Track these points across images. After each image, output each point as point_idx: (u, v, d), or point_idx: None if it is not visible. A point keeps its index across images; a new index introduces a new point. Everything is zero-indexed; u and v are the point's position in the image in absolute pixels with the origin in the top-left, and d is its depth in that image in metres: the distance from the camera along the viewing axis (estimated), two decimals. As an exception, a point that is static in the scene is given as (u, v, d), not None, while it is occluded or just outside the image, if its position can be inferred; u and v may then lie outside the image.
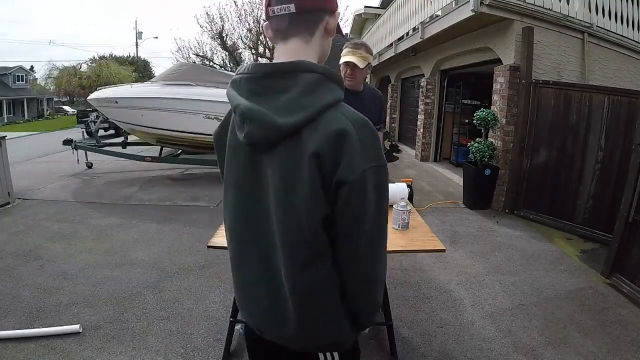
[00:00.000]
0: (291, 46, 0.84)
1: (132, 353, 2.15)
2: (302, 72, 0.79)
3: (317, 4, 0.83)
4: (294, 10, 0.80)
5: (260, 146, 0.82)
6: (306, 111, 0.77)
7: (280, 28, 0.83)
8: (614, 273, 3.01)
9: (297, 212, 0.80)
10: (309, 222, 0.80)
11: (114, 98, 6.08)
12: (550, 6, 4.68)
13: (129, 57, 33.07)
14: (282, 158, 0.79)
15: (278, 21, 0.83)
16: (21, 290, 2.80)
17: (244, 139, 0.81)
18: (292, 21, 0.82)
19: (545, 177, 4.41)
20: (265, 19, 0.87)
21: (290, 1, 0.79)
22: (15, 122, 26.85)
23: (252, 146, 0.83)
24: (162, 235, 3.96)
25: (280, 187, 0.81)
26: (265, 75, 0.80)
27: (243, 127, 0.80)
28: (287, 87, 0.79)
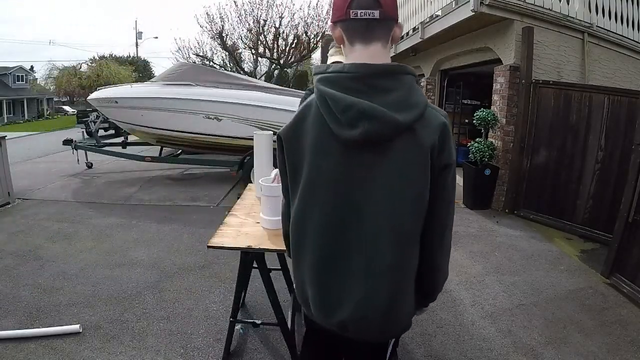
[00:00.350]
0: (373, 49, 0.89)
1: (132, 353, 2.15)
2: (403, 74, 0.87)
3: (393, 14, 0.91)
4: (377, 17, 0.87)
5: (374, 142, 0.86)
6: (417, 109, 0.86)
7: (360, 31, 0.89)
8: (614, 273, 3.01)
9: (409, 200, 0.89)
10: (418, 208, 0.90)
11: (114, 98, 6.08)
12: (550, 6, 4.68)
13: (129, 57, 33.06)
14: (399, 151, 0.86)
15: (358, 24, 0.88)
16: (21, 290, 2.80)
17: (359, 136, 0.84)
18: (373, 26, 0.88)
19: (545, 177, 4.41)
20: (335, 21, 0.92)
21: (376, 8, 0.86)
22: (15, 122, 26.84)
23: (364, 143, 0.86)
24: (162, 235, 3.96)
25: (395, 178, 0.87)
26: (370, 75, 0.85)
27: (357, 124, 0.84)
28: (392, 87, 0.85)
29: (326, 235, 0.94)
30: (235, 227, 1.81)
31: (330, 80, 0.87)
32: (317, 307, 1.00)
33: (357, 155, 0.88)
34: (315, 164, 0.92)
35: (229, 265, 3.21)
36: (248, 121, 5.65)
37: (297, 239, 1.00)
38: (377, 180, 0.88)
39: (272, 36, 14.48)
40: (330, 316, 0.98)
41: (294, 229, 1.00)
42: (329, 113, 0.87)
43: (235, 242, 1.69)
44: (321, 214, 0.94)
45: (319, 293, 0.98)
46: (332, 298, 0.96)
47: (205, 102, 5.69)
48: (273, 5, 15.06)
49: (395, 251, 0.91)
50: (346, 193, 0.91)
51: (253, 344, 2.24)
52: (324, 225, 0.94)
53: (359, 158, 0.88)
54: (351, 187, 0.90)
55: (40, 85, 30.70)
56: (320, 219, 0.94)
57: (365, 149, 0.87)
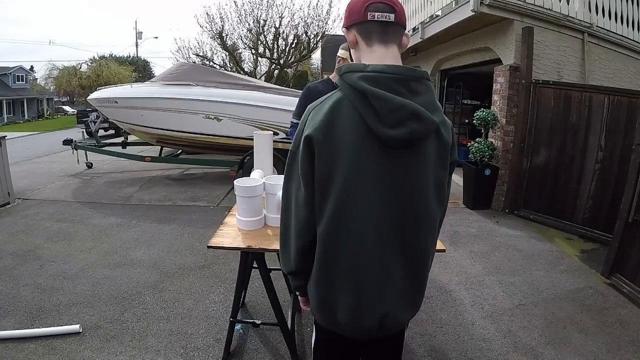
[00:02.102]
0: (393, 51, 0.96)
1: (132, 353, 2.15)
2: (427, 80, 0.93)
3: (404, 21, 0.97)
4: (393, 20, 0.93)
5: (414, 141, 0.91)
6: (440, 111, 0.94)
7: (377, 32, 0.94)
8: (614, 273, 3.01)
9: (440, 195, 0.99)
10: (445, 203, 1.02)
11: (114, 98, 6.07)
12: (550, 6, 4.67)
13: (129, 57, 33.05)
14: (430, 149, 0.93)
15: (375, 26, 0.94)
16: (21, 290, 2.80)
17: (406, 136, 0.88)
18: (388, 29, 0.94)
19: (545, 177, 4.41)
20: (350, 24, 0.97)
21: (391, 12, 0.93)
22: (15, 122, 26.85)
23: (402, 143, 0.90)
24: (162, 235, 3.96)
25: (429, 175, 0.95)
26: (411, 78, 0.90)
27: (405, 124, 0.87)
28: (420, 90, 0.91)
29: (365, 236, 0.94)
30: (235, 227, 1.81)
31: (375, 79, 0.88)
32: (352, 315, 0.99)
33: (395, 154, 0.91)
34: (354, 167, 0.91)
35: (229, 265, 3.21)
36: (248, 121, 5.64)
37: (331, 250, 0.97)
38: (412, 177, 0.93)
39: (272, 36, 14.45)
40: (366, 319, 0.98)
41: (326, 241, 0.96)
42: (370, 112, 0.88)
43: (235, 242, 1.69)
44: (362, 218, 0.93)
45: (358, 300, 0.97)
46: (372, 301, 0.97)
47: (205, 102, 5.69)
48: (273, 5, 15.05)
49: (430, 243, 1.01)
50: (384, 192, 0.92)
51: (253, 344, 2.24)
52: (362, 227, 0.93)
53: (397, 157, 0.92)
54: (389, 185, 0.92)
55: (40, 85, 30.69)
56: (358, 221, 0.93)
57: (402, 148, 0.91)
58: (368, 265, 0.96)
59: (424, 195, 0.95)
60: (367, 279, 0.96)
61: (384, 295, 0.97)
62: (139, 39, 34.38)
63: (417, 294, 1.04)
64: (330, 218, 0.95)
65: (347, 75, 0.91)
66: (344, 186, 0.92)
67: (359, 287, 0.97)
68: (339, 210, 0.94)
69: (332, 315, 1.02)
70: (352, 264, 0.96)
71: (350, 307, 0.98)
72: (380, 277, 0.96)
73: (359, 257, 0.95)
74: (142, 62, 33.48)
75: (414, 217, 0.95)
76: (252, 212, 1.79)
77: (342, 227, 0.94)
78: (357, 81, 0.89)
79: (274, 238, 1.72)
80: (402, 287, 0.98)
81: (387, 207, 0.93)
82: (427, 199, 0.96)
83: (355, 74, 0.89)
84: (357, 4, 0.95)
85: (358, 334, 1.03)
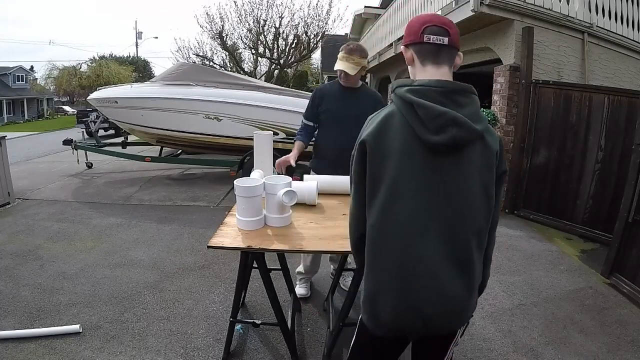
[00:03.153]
0: (444, 71, 1.04)
1: (132, 353, 2.14)
2: (473, 94, 1.02)
3: (457, 44, 1.06)
4: (446, 43, 1.02)
5: (457, 146, 0.98)
6: (485, 122, 1.03)
7: (431, 53, 1.04)
8: (614, 273, 3.01)
9: (484, 199, 1.03)
10: (489, 206, 1.05)
11: (114, 98, 6.07)
12: (550, 6, 4.67)
13: (129, 57, 33.05)
14: (475, 155, 1.00)
15: (430, 48, 1.03)
16: (21, 290, 2.80)
17: (447, 141, 0.97)
18: (442, 51, 1.03)
19: (545, 177, 4.41)
20: (408, 43, 1.08)
21: (445, 35, 1.02)
22: (15, 122, 26.85)
23: (448, 148, 0.98)
24: (162, 235, 3.96)
25: (472, 180, 1.01)
26: (453, 91, 1.00)
27: (446, 130, 0.96)
28: (466, 103, 1.00)
29: (410, 235, 1.01)
30: (235, 227, 1.81)
31: (420, 92, 0.99)
32: (396, 311, 1.04)
33: (439, 158, 0.99)
34: (400, 167, 1.00)
35: (229, 265, 3.21)
36: (248, 121, 5.64)
37: (377, 243, 1.05)
38: (457, 181, 1.00)
39: (272, 36, 14.45)
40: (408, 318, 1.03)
41: (373, 236, 1.05)
42: (416, 120, 0.98)
43: (235, 242, 1.69)
44: (404, 214, 1.01)
45: (401, 297, 1.03)
46: (416, 300, 1.02)
47: (205, 102, 5.69)
48: (273, 5, 15.04)
49: (474, 246, 1.03)
50: (429, 194, 1.00)
51: (253, 344, 2.24)
52: (408, 225, 1.01)
53: (441, 161, 0.99)
54: (434, 188, 1.00)
55: (40, 85, 30.70)
56: (403, 219, 1.01)
57: (446, 153, 0.99)
58: (411, 264, 1.01)
59: (467, 199, 1.01)
60: (409, 277, 1.02)
61: (427, 296, 1.01)
62: (139, 39, 34.42)
63: (463, 299, 1.05)
64: (377, 214, 1.03)
65: (398, 89, 1.03)
66: (391, 186, 1.01)
67: (401, 286, 1.02)
68: (385, 208, 1.02)
69: (374, 311, 1.08)
70: (396, 262, 1.02)
71: (391, 305, 1.04)
72: (422, 277, 1.01)
73: (402, 256, 1.02)
74: (142, 62, 33.48)
75: (457, 219, 1.01)
76: (252, 212, 1.79)
77: (388, 224, 1.02)
78: (405, 94, 1.00)
79: (274, 238, 1.73)
80: (445, 289, 1.01)
81: (431, 208, 1.00)
82: (470, 203, 1.02)
83: (403, 88, 1.01)
84: (415, 25, 1.06)
85: (398, 331, 1.08)
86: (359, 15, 15.54)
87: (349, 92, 2.45)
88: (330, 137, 2.48)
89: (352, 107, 2.41)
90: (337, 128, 2.43)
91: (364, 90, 2.52)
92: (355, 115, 2.43)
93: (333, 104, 2.45)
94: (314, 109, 2.52)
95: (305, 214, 2.00)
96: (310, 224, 1.89)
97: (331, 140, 2.47)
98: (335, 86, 2.50)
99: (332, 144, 2.46)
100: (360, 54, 2.32)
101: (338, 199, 2.23)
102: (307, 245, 1.69)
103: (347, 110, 2.41)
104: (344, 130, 2.41)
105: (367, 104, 2.44)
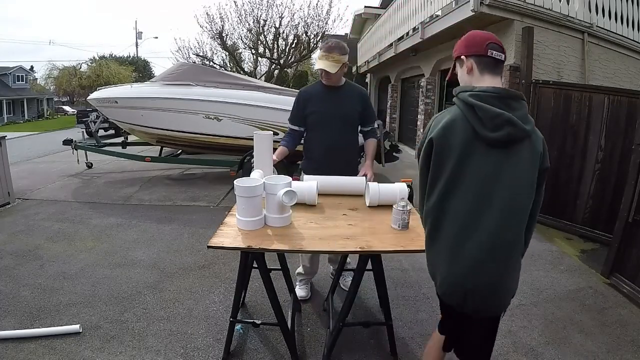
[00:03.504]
0: (497, 81, 1.27)
1: (132, 353, 2.14)
2: (523, 100, 1.24)
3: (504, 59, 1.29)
4: (503, 59, 1.27)
5: (509, 143, 1.18)
6: (532, 123, 1.22)
7: (490, 66, 1.26)
8: (614, 273, 3.01)
9: (528, 188, 1.21)
10: (531, 195, 1.23)
11: (114, 98, 6.07)
12: (550, 6, 4.68)
13: (129, 57, 33.05)
14: (524, 151, 1.20)
15: (490, 61, 1.26)
16: (21, 290, 2.80)
17: (503, 137, 1.16)
18: (498, 65, 1.27)
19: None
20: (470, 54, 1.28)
21: (502, 52, 1.27)
22: (15, 122, 26.85)
23: (504, 143, 1.18)
24: (162, 235, 3.96)
25: (519, 171, 1.19)
26: (508, 97, 1.20)
27: (502, 128, 1.16)
28: (517, 107, 1.20)
29: (465, 215, 1.21)
30: (235, 227, 1.81)
31: (480, 96, 1.19)
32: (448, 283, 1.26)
33: (496, 153, 1.19)
34: (461, 160, 1.20)
35: (229, 265, 3.21)
36: (248, 121, 5.64)
37: (436, 222, 1.26)
38: (508, 172, 1.19)
39: (272, 36, 14.45)
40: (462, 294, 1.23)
41: (433, 218, 1.26)
42: (476, 120, 1.18)
43: (235, 242, 1.69)
44: (462, 199, 1.21)
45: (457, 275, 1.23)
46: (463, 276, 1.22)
47: (205, 102, 5.69)
48: (273, 5, 15.06)
49: (516, 229, 1.22)
50: (484, 182, 1.19)
51: (253, 344, 2.24)
52: (464, 207, 1.21)
53: (497, 155, 1.19)
54: (489, 177, 1.19)
55: (40, 85, 30.70)
56: (460, 203, 1.21)
57: (501, 148, 1.18)
58: (466, 244, 1.20)
59: (516, 187, 1.19)
60: (464, 257, 1.21)
61: (479, 274, 1.20)
62: (139, 39, 34.44)
63: (509, 279, 1.25)
64: (439, 197, 1.24)
65: (461, 94, 1.23)
66: (452, 175, 1.21)
67: (457, 263, 1.22)
68: (447, 192, 1.23)
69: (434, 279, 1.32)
70: (454, 242, 1.22)
71: (448, 281, 1.26)
72: (476, 256, 1.20)
73: (459, 236, 1.21)
74: (142, 62, 33.48)
75: (506, 204, 1.19)
76: (252, 212, 1.79)
77: (447, 207, 1.23)
78: (467, 98, 1.20)
79: (274, 238, 1.73)
80: (494, 268, 1.21)
81: (485, 194, 1.19)
82: (519, 191, 1.20)
83: (466, 93, 1.21)
84: (478, 40, 1.27)
85: (459, 307, 1.27)
86: (359, 15, 15.54)
87: (333, 92, 2.41)
88: (317, 138, 2.46)
89: (338, 107, 2.39)
90: (324, 130, 2.41)
91: (348, 87, 2.47)
92: (342, 114, 2.41)
93: (319, 106, 2.41)
94: (299, 113, 2.47)
95: (305, 214, 2.00)
96: (310, 224, 1.89)
97: (319, 142, 2.45)
98: (319, 87, 2.46)
99: (320, 145, 2.44)
100: (340, 51, 2.26)
101: (338, 199, 2.23)
102: (307, 245, 1.69)
103: (333, 110, 2.39)
104: (331, 131, 2.41)
105: (353, 101, 2.43)
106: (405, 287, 2.92)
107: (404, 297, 2.77)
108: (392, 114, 11.30)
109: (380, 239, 1.72)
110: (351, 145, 2.53)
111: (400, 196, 2.02)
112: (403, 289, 2.88)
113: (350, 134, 2.50)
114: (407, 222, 1.82)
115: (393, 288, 2.84)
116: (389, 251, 1.69)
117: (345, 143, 2.48)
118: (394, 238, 1.73)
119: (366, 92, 2.63)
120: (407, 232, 1.80)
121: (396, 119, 11.30)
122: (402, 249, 1.68)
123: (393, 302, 2.50)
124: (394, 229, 1.82)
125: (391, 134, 10.23)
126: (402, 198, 1.96)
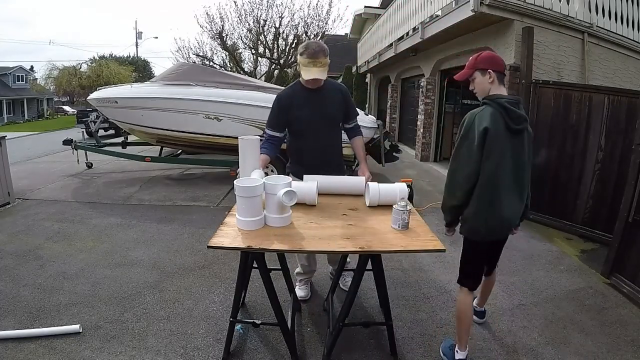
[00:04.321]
0: (505, 88, 1.90)
1: (132, 353, 2.15)
2: (521, 103, 1.88)
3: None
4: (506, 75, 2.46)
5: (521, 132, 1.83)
6: (527, 120, 1.87)
7: (503, 79, 1.90)
8: (614, 273, 3.01)
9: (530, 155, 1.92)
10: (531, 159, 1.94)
11: (114, 98, 6.07)
12: (550, 6, 4.68)
13: (129, 57, 33.05)
14: (527, 136, 1.87)
15: (503, 76, 1.90)
16: (21, 290, 2.80)
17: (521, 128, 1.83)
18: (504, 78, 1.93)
19: (545, 177, 4.40)
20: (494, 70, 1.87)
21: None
22: (15, 122, 26.86)
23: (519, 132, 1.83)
24: (162, 235, 3.96)
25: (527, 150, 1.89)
26: (518, 101, 1.86)
27: (521, 123, 1.82)
28: (521, 108, 1.85)
29: (509, 177, 1.84)
30: (235, 227, 1.81)
31: (510, 102, 1.81)
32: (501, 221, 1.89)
33: (517, 138, 1.83)
34: (503, 143, 1.80)
35: (229, 265, 3.21)
36: (248, 121, 5.64)
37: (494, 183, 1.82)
38: (522, 149, 1.86)
39: (272, 36, 14.45)
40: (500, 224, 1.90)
41: (491, 179, 1.81)
42: (507, 117, 1.79)
43: (235, 242, 1.69)
44: (507, 167, 1.83)
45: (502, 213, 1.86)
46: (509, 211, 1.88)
47: (205, 102, 5.68)
48: (273, 5, 15.08)
49: (527, 183, 1.94)
50: (514, 156, 1.83)
51: (253, 344, 2.24)
52: (508, 172, 1.83)
53: (518, 140, 1.84)
54: (515, 153, 1.84)
55: (40, 85, 30.65)
56: (507, 169, 1.83)
57: (519, 134, 1.84)
58: (506, 193, 1.85)
59: (525, 159, 1.88)
60: (506, 200, 1.86)
61: (511, 211, 1.89)
62: (139, 39, 34.44)
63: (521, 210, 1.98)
64: (490, 168, 1.80)
65: (498, 99, 1.81)
66: (497, 154, 1.79)
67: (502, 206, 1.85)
68: (498, 164, 1.80)
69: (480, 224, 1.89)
70: (500, 195, 1.84)
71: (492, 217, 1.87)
72: (512, 200, 1.88)
73: (502, 191, 1.84)
74: (142, 62, 33.48)
75: (523, 169, 1.89)
76: (252, 212, 1.79)
77: (496, 174, 1.81)
78: (504, 103, 1.80)
79: (274, 238, 1.72)
80: (517, 205, 1.93)
81: (514, 164, 1.84)
82: (526, 160, 1.89)
83: (503, 100, 1.81)
84: (499, 61, 1.90)
85: (495, 235, 1.97)
86: (359, 15, 15.54)
87: (314, 93, 2.31)
88: (306, 143, 2.38)
89: (322, 109, 2.32)
90: (312, 134, 2.34)
91: (329, 86, 2.37)
92: (328, 115, 2.36)
93: (303, 111, 2.31)
94: (281, 118, 2.36)
95: (305, 214, 2.00)
96: (310, 224, 1.88)
97: (308, 147, 2.38)
98: (299, 89, 2.34)
99: (310, 150, 2.38)
100: (324, 53, 2.17)
101: (338, 199, 2.23)
102: (307, 245, 1.68)
103: (318, 113, 2.31)
104: (319, 135, 2.36)
105: (336, 100, 2.38)
106: (405, 287, 2.93)
107: (404, 297, 2.77)
108: (392, 114, 11.30)
109: (380, 239, 1.72)
110: (339, 145, 2.50)
111: (400, 196, 2.02)
112: (403, 289, 2.89)
113: (336, 134, 2.46)
114: (407, 222, 1.82)
115: (393, 288, 2.84)
116: (389, 251, 1.69)
117: (334, 143, 2.45)
118: (394, 238, 1.73)
119: (345, 87, 2.55)
120: (407, 232, 1.80)
121: (396, 119, 11.30)
122: (402, 249, 1.68)
123: (393, 302, 2.50)
124: (394, 229, 1.82)
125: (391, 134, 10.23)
126: (402, 198, 1.96)
